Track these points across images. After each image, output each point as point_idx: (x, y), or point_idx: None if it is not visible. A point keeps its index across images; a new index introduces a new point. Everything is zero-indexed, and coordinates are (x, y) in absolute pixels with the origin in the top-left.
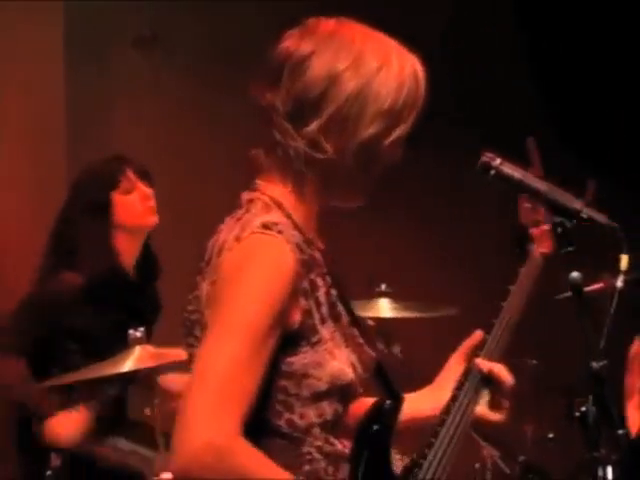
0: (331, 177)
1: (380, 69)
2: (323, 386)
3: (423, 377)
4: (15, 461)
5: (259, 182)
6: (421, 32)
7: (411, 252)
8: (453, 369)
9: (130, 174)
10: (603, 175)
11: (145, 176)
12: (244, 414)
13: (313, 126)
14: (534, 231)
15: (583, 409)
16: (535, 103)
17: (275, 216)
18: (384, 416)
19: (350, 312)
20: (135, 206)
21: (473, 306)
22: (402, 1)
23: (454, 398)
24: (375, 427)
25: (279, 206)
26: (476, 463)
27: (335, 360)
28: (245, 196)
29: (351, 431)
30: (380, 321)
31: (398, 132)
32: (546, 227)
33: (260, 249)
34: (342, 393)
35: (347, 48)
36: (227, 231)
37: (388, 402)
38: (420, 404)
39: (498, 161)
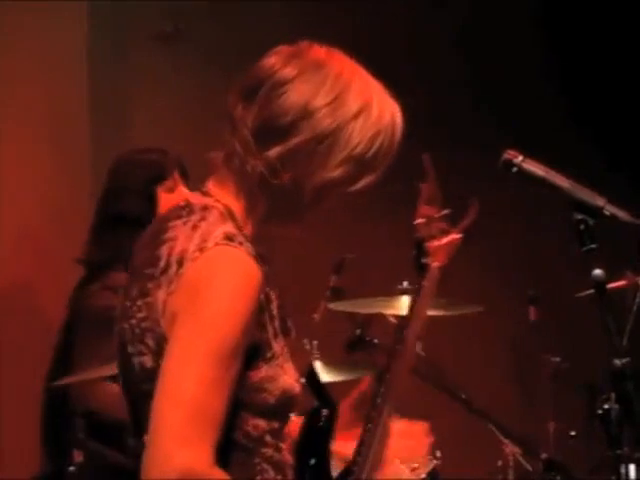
0: (279, 204)
1: (358, 115)
2: (274, 400)
3: (446, 376)
4: (38, 457)
5: (211, 186)
6: (444, 25)
7: None
8: (348, 417)
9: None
10: (629, 171)
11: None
12: (217, 438)
13: (274, 151)
14: (430, 245)
15: (606, 407)
16: (561, 100)
17: (231, 227)
18: (322, 424)
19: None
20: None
21: (498, 304)
22: None
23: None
24: (314, 436)
25: (232, 217)
26: (498, 460)
27: (286, 374)
28: (196, 200)
29: (292, 439)
30: (402, 319)
31: (364, 181)
32: (440, 241)
33: (227, 262)
34: (289, 405)
35: (330, 84)
36: (185, 240)
37: (325, 411)
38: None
39: (520, 158)
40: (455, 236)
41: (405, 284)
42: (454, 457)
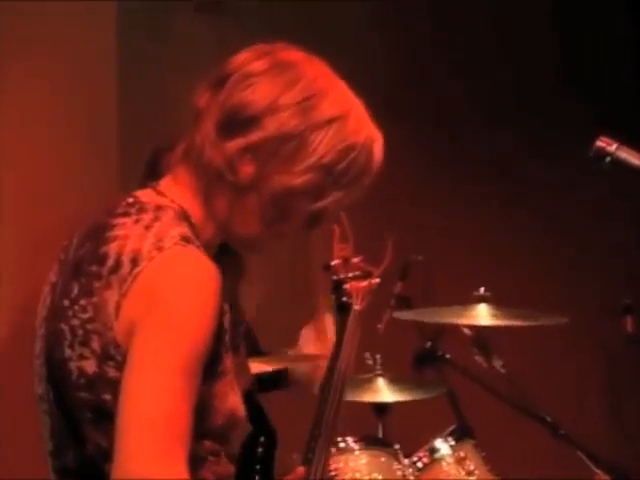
0: (237, 207)
1: (331, 122)
2: (222, 420)
3: (529, 396)
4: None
5: (166, 185)
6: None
7: (515, 252)
8: None
9: None
10: None
11: None
12: (188, 452)
13: (234, 144)
14: (349, 287)
15: None
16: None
17: (186, 230)
18: (260, 453)
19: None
20: None
21: (588, 314)
22: None
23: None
24: (251, 467)
25: (188, 220)
26: None
27: (235, 394)
28: (148, 198)
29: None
30: (478, 330)
31: (331, 198)
32: (359, 284)
33: (188, 262)
34: (234, 429)
35: (304, 85)
36: (137, 239)
37: (262, 438)
38: None
39: (615, 146)
40: (373, 281)
41: (482, 290)
42: None
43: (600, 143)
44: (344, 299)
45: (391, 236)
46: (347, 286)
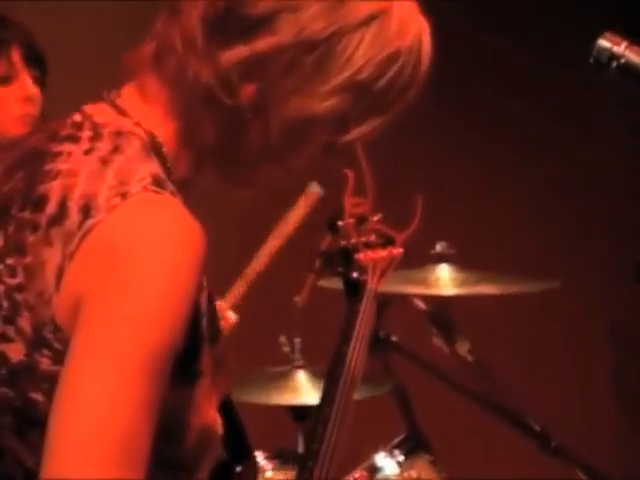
0: (233, 138)
1: (369, 23)
2: (193, 440)
3: (506, 392)
4: None
5: (129, 100)
6: None
7: (486, 196)
8: None
9: (15, 54)
10: None
11: (36, 63)
12: (146, 469)
13: (233, 54)
14: (361, 258)
15: None
16: None
17: (157, 168)
18: None
19: None
20: (7, 104)
21: (583, 278)
22: None
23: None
24: None
25: (158, 153)
26: None
27: (211, 404)
28: (104, 117)
29: None
30: (437, 301)
31: (366, 127)
32: (376, 254)
33: (164, 218)
34: (206, 451)
35: None
36: (90, 177)
37: (239, 468)
38: None
39: (624, 45)
40: (395, 251)
41: (441, 246)
42: None
43: (604, 42)
44: (355, 274)
45: (420, 193)
46: (360, 256)
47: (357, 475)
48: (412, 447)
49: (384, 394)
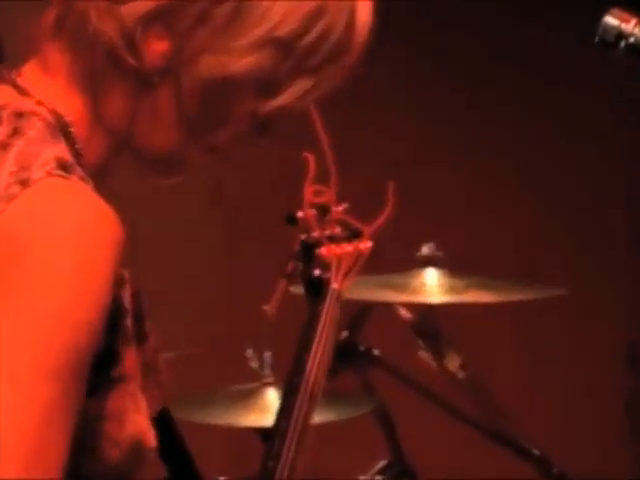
0: (143, 107)
1: None
2: (117, 454)
3: (502, 412)
4: None
5: (30, 76)
6: None
7: (479, 196)
8: None
9: None
10: None
11: None
12: None
13: (137, 6)
14: (324, 253)
15: None
16: None
17: (64, 150)
18: None
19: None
20: None
21: (591, 283)
22: None
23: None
24: None
25: (66, 133)
26: None
27: (139, 412)
28: (3, 99)
29: None
30: (424, 310)
31: (293, 91)
32: (340, 249)
33: (72, 205)
34: (137, 468)
35: None
36: None
37: None
38: None
39: (633, 23)
40: (362, 245)
41: (428, 248)
42: None
43: (611, 19)
44: (317, 272)
45: (392, 179)
46: (322, 251)
47: None
48: (395, 475)
49: (364, 415)
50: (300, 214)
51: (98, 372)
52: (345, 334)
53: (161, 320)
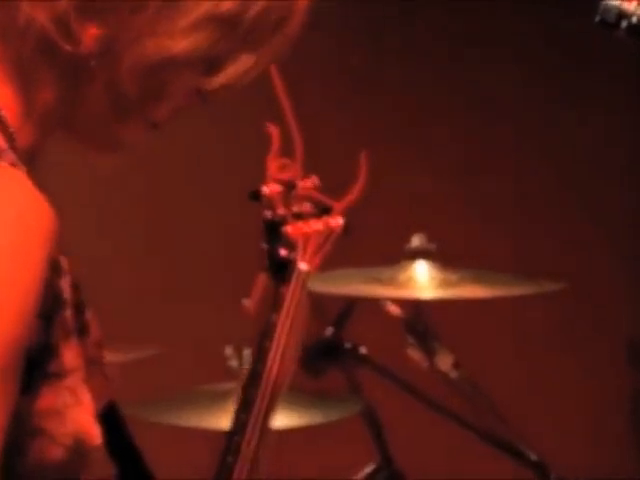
0: (79, 94)
1: None
2: (59, 452)
3: (498, 414)
4: None
5: None
6: None
7: (474, 184)
8: None
9: None
10: None
11: None
12: None
13: None
14: (290, 231)
15: None
16: None
17: None
18: None
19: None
20: None
21: (591, 278)
22: None
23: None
24: None
25: None
26: None
27: (81, 406)
28: None
29: None
30: (413, 306)
31: (236, 67)
32: (308, 227)
33: (1, 193)
34: (82, 466)
35: None
36: None
37: None
38: None
39: (634, 2)
40: (332, 222)
41: (418, 240)
42: None
43: None
44: (283, 252)
45: (365, 149)
46: (289, 229)
47: None
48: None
49: (351, 416)
50: (264, 190)
51: (33, 367)
52: (330, 331)
53: (137, 317)
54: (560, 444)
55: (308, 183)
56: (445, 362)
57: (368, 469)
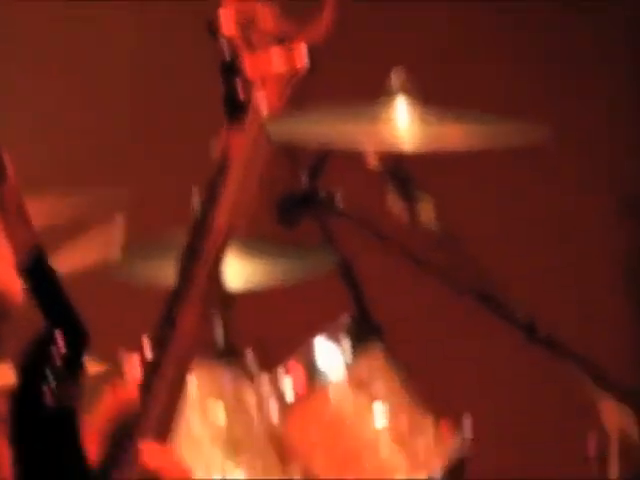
0: None
1: None
2: None
3: (482, 269)
4: None
5: None
6: None
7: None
8: None
9: None
10: None
11: None
12: None
13: None
14: (247, 59)
15: None
16: None
17: None
18: (58, 355)
19: None
20: None
21: (584, 125)
22: None
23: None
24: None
25: None
26: None
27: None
28: None
29: None
30: (392, 154)
31: None
32: (267, 54)
33: None
34: (2, 320)
35: None
36: None
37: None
38: None
39: None
40: (296, 52)
41: (397, 75)
42: None
43: None
44: (237, 88)
45: None
46: (246, 68)
47: (290, 366)
48: (360, 331)
49: (326, 271)
50: (219, 16)
51: None
52: (305, 180)
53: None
54: (544, 300)
55: (268, 13)
56: (426, 212)
57: (344, 319)
